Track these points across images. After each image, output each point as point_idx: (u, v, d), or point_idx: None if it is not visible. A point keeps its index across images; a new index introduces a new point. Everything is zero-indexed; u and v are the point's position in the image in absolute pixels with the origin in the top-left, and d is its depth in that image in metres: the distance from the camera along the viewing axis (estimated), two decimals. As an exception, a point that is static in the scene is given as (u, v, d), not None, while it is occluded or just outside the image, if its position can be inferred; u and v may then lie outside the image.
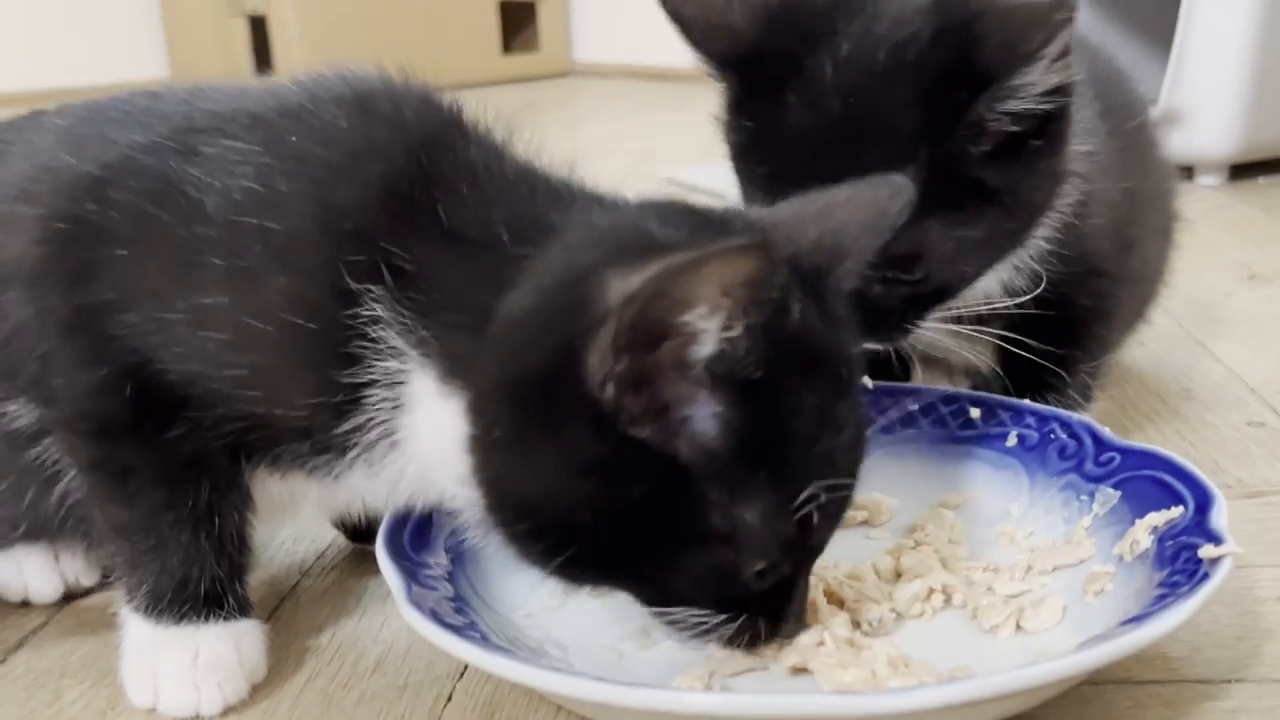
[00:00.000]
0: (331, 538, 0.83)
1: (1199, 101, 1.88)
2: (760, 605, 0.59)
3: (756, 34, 0.74)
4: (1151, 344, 1.15)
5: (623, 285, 0.49)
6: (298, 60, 4.00)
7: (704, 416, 0.53)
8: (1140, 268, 0.92)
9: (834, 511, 0.58)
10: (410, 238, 0.59)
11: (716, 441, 0.53)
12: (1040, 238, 0.78)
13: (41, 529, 0.72)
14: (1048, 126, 0.71)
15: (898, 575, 0.70)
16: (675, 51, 0.79)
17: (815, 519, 0.56)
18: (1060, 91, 0.70)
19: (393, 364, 0.59)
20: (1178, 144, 1.91)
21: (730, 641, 0.59)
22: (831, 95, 0.70)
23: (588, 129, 3.18)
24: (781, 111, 0.72)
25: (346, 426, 0.61)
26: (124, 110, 0.68)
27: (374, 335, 0.59)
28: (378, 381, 0.60)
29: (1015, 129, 0.69)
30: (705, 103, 0.82)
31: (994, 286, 0.81)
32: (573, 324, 0.51)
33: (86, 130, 0.67)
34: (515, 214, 0.59)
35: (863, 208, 0.60)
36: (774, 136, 0.73)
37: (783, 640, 0.61)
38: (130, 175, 0.63)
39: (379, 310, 0.59)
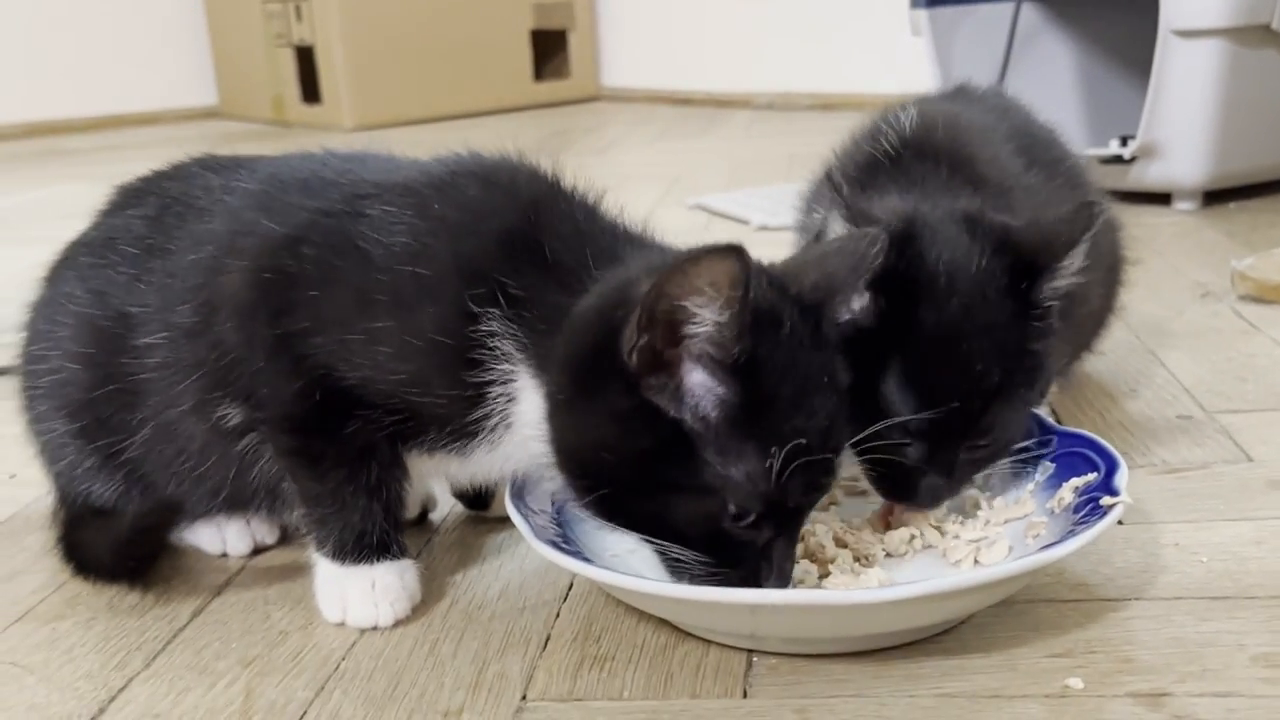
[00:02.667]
0: (451, 505, 1.07)
1: (1174, 134, 2.10)
2: (743, 559, 0.77)
3: (896, 232, 0.87)
4: (1111, 354, 1.38)
5: (648, 282, 0.72)
6: (344, 89, 4.25)
7: (704, 394, 0.73)
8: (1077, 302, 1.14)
9: (810, 481, 0.76)
10: (521, 271, 0.82)
11: (713, 414, 0.73)
12: None
13: (236, 500, 0.95)
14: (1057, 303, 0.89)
15: (889, 527, 0.93)
16: (697, 77, 0.98)
17: (792, 485, 0.74)
18: (1082, 271, 0.87)
19: (506, 366, 0.82)
20: (1156, 173, 2.14)
21: (718, 582, 0.77)
22: (948, 297, 0.85)
23: (618, 155, 3.42)
24: (914, 301, 0.86)
25: (475, 415, 0.84)
26: (299, 178, 0.91)
27: (491, 345, 0.82)
28: (495, 380, 0.82)
29: (1055, 303, 0.88)
30: (724, 128, 1.05)
31: None
32: (616, 314, 0.74)
33: (274, 196, 0.90)
34: (600, 250, 0.82)
35: (848, 256, 0.82)
36: (911, 321, 0.86)
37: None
38: (317, 234, 0.86)
39: (494, 326, 0.81)
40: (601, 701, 0.77)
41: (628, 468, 0.75)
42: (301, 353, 0.85)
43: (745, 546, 0.77)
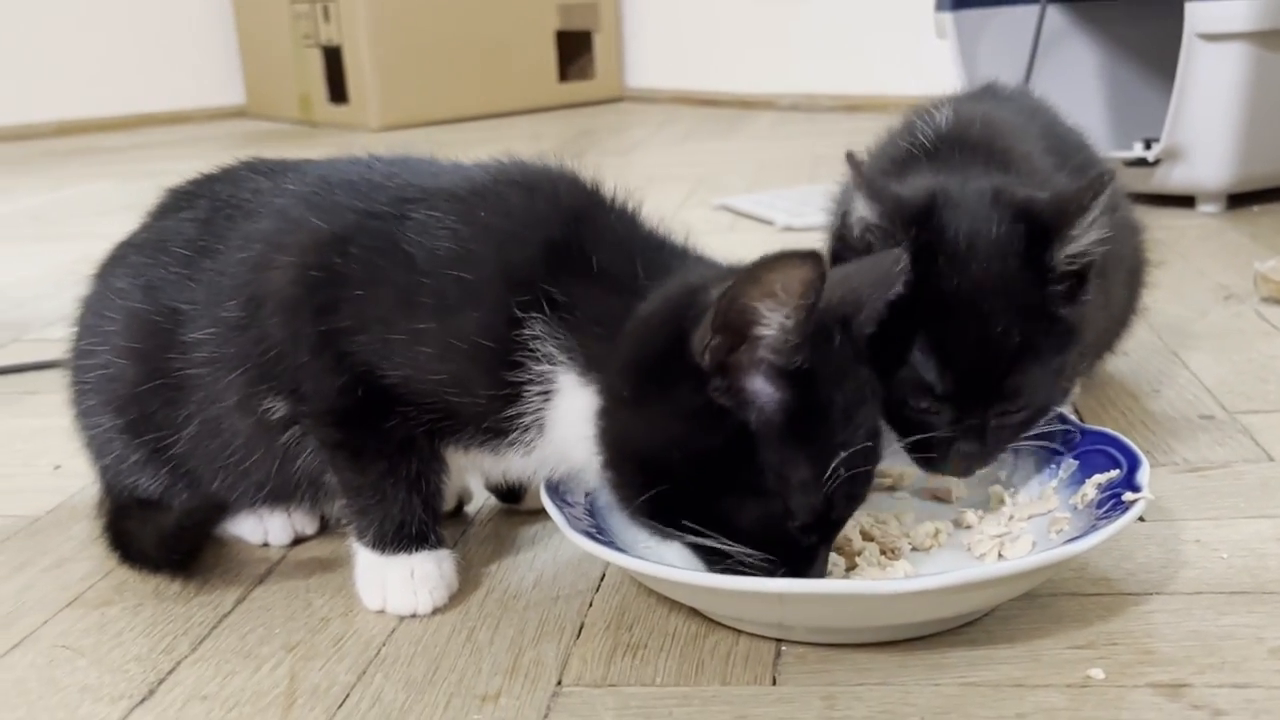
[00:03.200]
0: (486, 498, 1.10)
1: (1198, 137, 2.11)
2: (792, 559, 0.80)
3: (917, 207, 0.91)
4: (1134, 354, 1.39)
5: (719, 287, 0.75)
6: (370, 89, 4.28)
7: (766, 398, 0.76)
8: (1103, 303, 1.15)
9: (853, 492, 0.80)
10: (566, 279, 0.84)
11: (775, 418, 0.76)
12: None
13: (280, 493, 0.98)
14: (1087, 273, 0.91)
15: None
16: (722, 78, 1.01)
17: (838, 495, 0.78)
18: (1102, 241, 0.89)
19: (545, 367, 0.85)
20: (1179, 176, 2.15)
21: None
22: (966, 264, 0.88)
23: (643, 155, 3.44)
24: (934, 271, 0.89)
25: (510, 413, 0.86)
26: (346, 181, 0.94)
27: (533, 347, 0.84)
28: (534, 380, 0.85)
29: (1074, 271, 0.89)
30: (749, 130, 1.07)
31: None
32: (684, 316, 0.77)
33: (322, 197, 0.93)
34: (648, 261, 0.85)
35: (871, 273, 0.84)
36: (934, 291, 0.89)
37: None
38: (364, 235, 0.88)
39: (538, 330, 0.84)
40: (635, 687, 0.80)
41: (691, 465, 0.78)
42: (344, 350, 0.87)
43: (793, 546, 0.80)
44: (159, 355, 0.95)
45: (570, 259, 0.85)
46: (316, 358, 0.88)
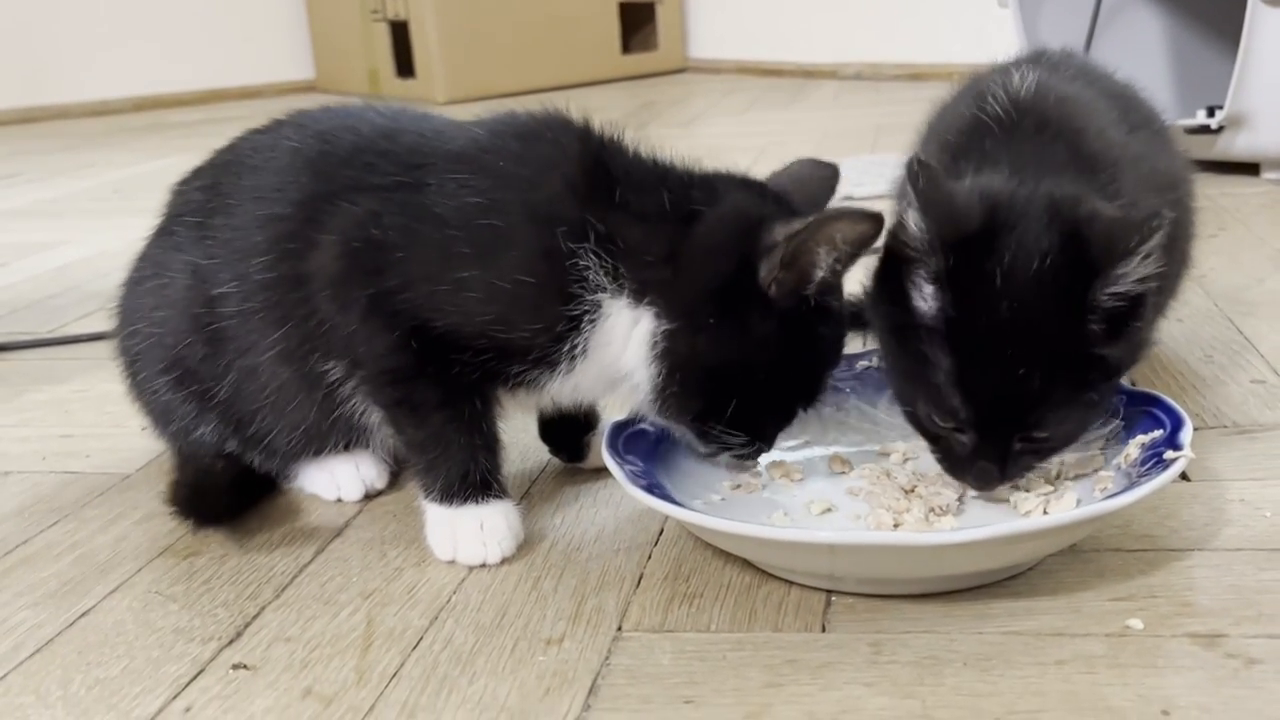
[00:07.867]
0: (548, 458, 1.15)
1: (1262, 104, 2.09)
2: (767, 438, 0.96)
3: (967, 230, 0.87)
4: (1188, 320, 1.41)
5: (785, 229, 0.87)
6: (436, 63, 4.34)
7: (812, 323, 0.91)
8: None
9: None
10: (598, 210, 0.91)
11: (815, 339, 0.92)
12: None
13: (315, 434, 1.04)
14: (1139, 308, 0.86)
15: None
16: (784, 48, 1.04)
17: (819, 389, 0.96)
18: (1150, 279, 0.85)
19: (596, 295, 0.91)
20: (1243, 144, 2.14)
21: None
22: (1000, 298, 0.85)
23: (705, 126, 3.46)
24: (970, 299, 0.86)
25: (565, 346, 0.92)
26: (349, 150, 0.99)
27: (586, 277, 0.90)
28: (588, 310, 0.91)
29: (1120, 308, 0.85)
30: (812, 99, 1.10)
31: None
32: (750, 249, 0.89)
33: (335, 172, 0.98)
34: (671, 191, 0.92)
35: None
36: (965, 319, 0.87)
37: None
38: (395, 206, 0.94)
39: (589, 260, 0.90)
40: (691, 633, 0.84)
41: (761, 372, 0.91)
42: (394, 309, 0.93)
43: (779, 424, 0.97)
44: (188, 312, 1.02)
45: (594, 191, 0.92)
46: (366, 320, 0.94)
